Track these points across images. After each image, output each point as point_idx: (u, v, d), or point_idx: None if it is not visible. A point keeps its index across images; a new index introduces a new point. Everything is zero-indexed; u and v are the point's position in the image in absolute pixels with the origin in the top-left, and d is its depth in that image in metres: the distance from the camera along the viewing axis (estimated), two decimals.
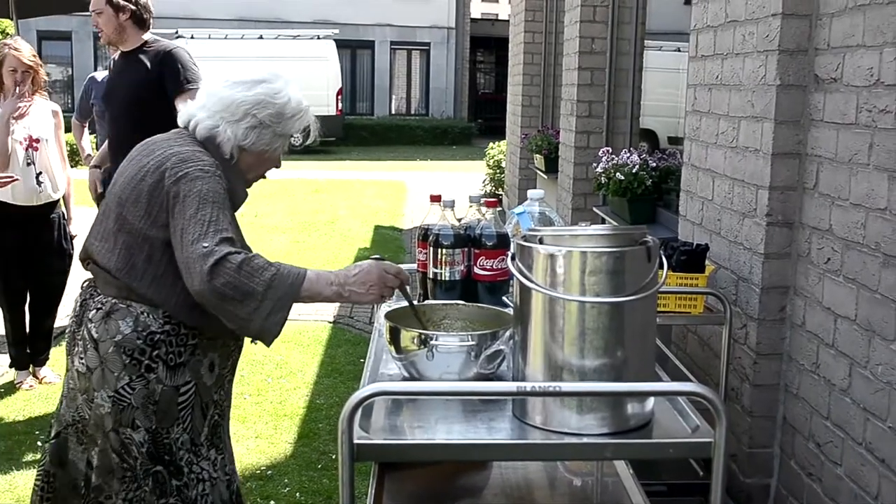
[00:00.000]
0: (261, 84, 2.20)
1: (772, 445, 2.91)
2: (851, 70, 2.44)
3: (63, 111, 4.94)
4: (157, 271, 2.09)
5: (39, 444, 3.86)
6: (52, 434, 2.29)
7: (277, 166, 2.36)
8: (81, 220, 4.52)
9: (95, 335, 2.11)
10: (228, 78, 2.21)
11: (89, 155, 5.40)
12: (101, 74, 5.68)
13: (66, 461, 2.24)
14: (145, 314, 2.10)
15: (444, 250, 2.29)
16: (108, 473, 2.15)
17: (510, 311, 1.92)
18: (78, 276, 2.53)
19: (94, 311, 2.13)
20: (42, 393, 4.48)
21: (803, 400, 2.71)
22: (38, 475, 2.31)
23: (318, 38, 19.57)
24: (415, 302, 2.07)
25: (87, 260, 2.21)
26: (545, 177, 7.64)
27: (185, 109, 2.25)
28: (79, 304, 2.22)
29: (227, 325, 2.04)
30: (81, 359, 2.14)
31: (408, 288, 2.09)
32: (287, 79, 2.27)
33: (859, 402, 2.38)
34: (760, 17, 2.85)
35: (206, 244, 1.95)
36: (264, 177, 2.38)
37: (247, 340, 2.30)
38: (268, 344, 2.04)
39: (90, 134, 5.79)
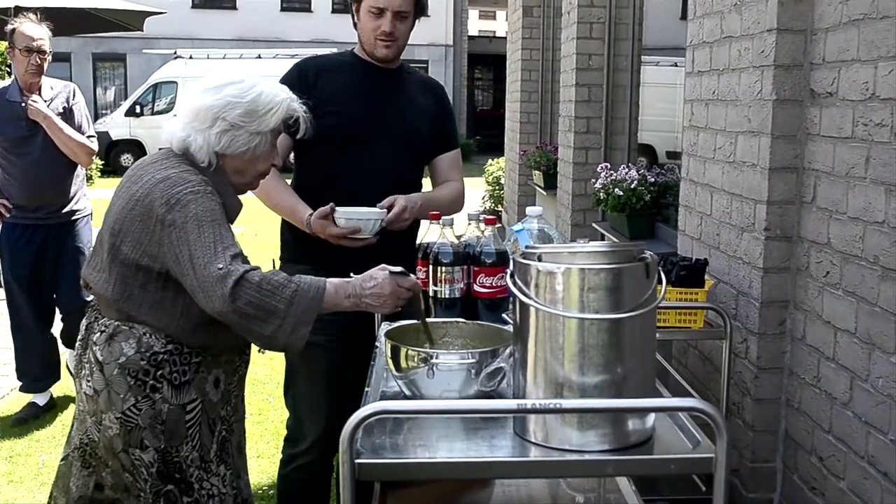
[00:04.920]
0: (229, 86, 2.13)
1: (774, 460, 2.90)
2: (847, 84, 2.46)
3: None
4: (154, 298, 2.08)
5: (39, 465, 3.85)
6: (62, 456, 2.28)
7: (276, 165, 2.28)
8: None
9: (100, 358, 2.11)
10: (202, 86, 2.16)
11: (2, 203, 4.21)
12: None
13: (69, 488, 2.22)
14: (148, 335, 2.09)
15: (443, 268, 2.29)
16: (125, 491, 2.15)
17: (510, 328, 1.92)
18: None
19: (98, 333, 2.13)
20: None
21: (805, 414, 2.71)
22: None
23: None
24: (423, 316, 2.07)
25: (87, 286, 2.22)
26: (544, 193, 7.65)
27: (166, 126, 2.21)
28: (84, 327, 2.21)
29: (235, 342, 2.04)
30: (88, 382, 2.14)
31: (420, 300, 2.11)
32: (259, 77, 2.18)
33: (861, 415, 2.38)
34: (755, 32, 2.87)
35: (220, 265, 1.94)
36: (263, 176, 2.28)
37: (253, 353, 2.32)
38: (293, 356, 2.05)
39: None
